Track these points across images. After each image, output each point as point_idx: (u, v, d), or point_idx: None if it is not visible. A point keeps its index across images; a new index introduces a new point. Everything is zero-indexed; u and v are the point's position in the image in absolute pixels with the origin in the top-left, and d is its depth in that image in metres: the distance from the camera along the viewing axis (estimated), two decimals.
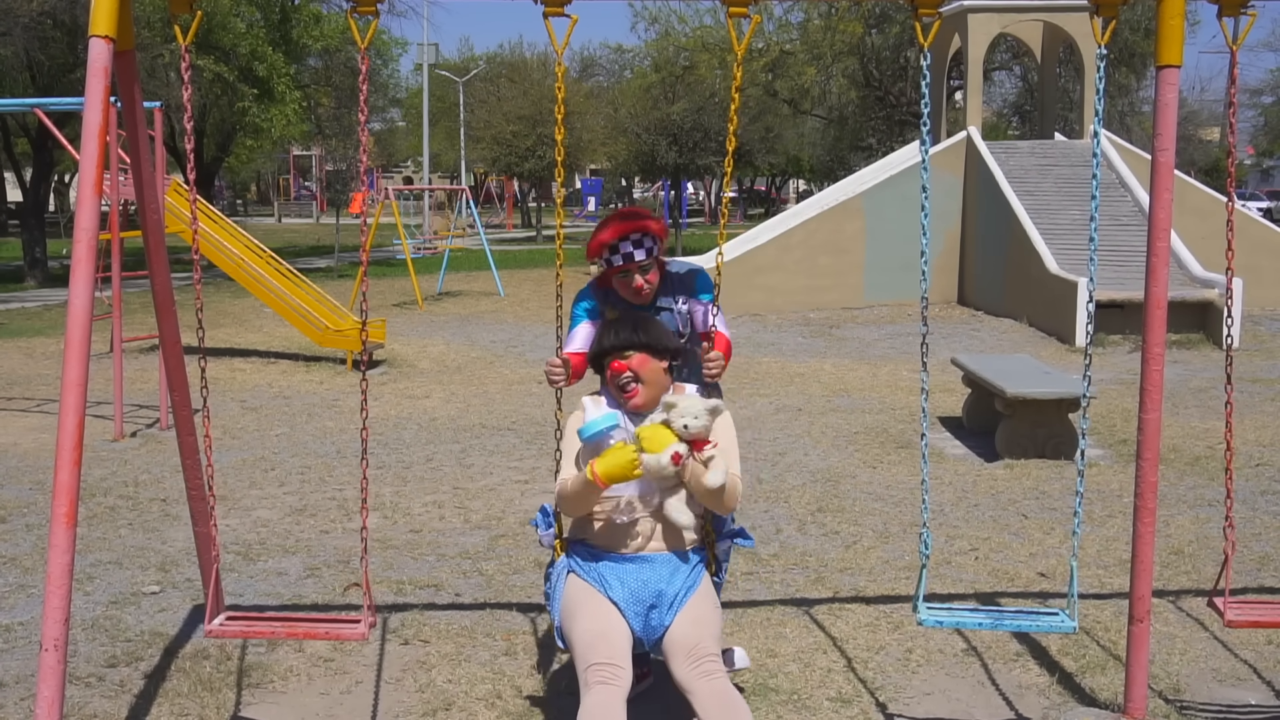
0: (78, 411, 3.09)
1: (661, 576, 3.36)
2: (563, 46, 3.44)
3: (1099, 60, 3.48)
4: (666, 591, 3.34)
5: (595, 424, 3.36)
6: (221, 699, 3.91)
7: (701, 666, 3.17)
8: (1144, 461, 3.59)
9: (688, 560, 3.44)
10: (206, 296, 17.13)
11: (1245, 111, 43.57)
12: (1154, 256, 3.51)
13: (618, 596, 3.33)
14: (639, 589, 3.33)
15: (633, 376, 3.47)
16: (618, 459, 3.27)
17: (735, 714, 3.09)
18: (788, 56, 27.41)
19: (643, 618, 3.32)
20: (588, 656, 3.19)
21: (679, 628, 3.28)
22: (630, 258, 3.73)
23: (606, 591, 3.34)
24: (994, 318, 15.17)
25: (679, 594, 3.34)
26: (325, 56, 26.95)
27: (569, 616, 3.36)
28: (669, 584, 3.35)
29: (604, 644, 3.21)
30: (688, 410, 3.40)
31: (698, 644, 3.22)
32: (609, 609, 3.32)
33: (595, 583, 3.38)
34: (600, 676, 3.14)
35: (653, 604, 3.32)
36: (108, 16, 3.24)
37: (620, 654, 3.20)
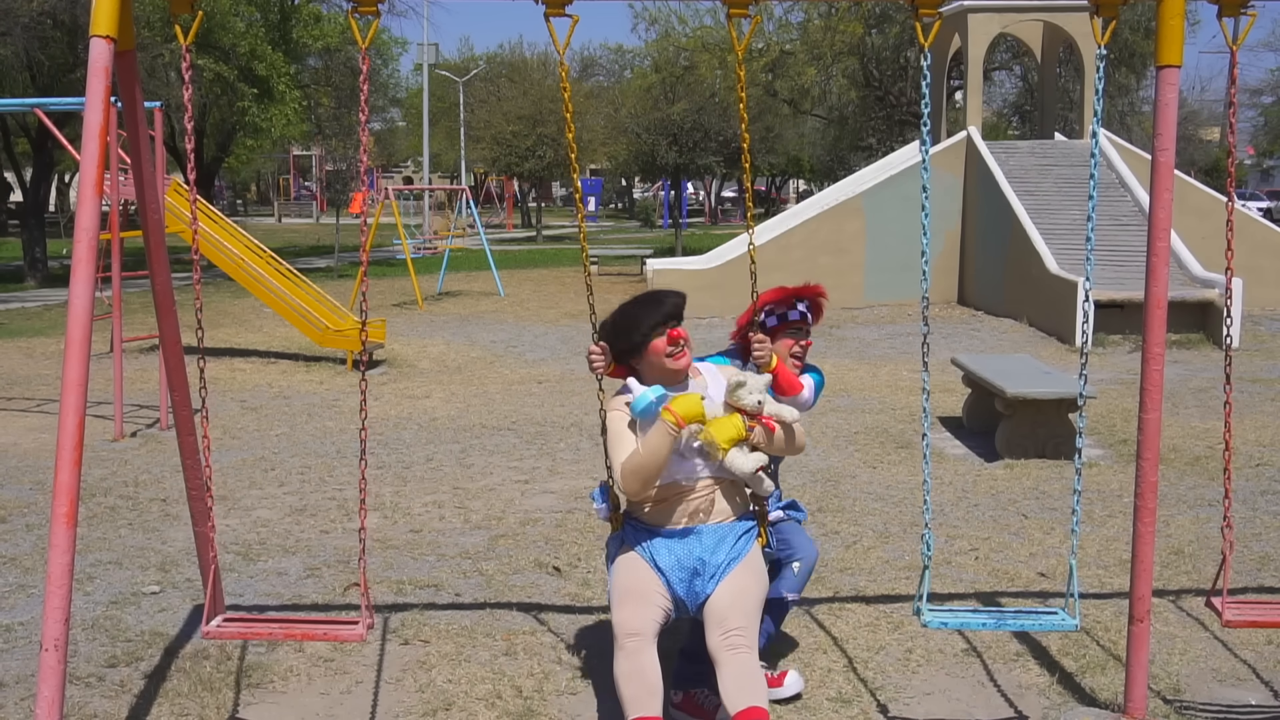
0: (78, 411, 3.09)
1: (707, 546, 3.52)
2: (564, 47, 3.44)
3: (1099, 60, 3.48)
4: (709, 560, 3.50)
5: (644, 397, 3.47)
6: (221, 699, 3.91)
7: (730, 638, 3.35)
8: (1144, 461, 3.60)
9: (734, 530, 3.58)
10: (206, 296, 17.13)
11: (1245, 111, 43.58)
12: (1154, 256, 3.51)
13: (664, 564, 3.51)
14: (684, 556, 3.51)
15: (685, 341, 3.63)
16: (689, 400, 3.47)
17: (752, 690, 3.26)
18: (788, 56, 27.41)
19: (686, 583, 3.49)
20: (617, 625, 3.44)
21: (718, 598, 3.45)
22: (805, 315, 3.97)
23: (654, 559, 3.53)
24: (994, 318, 15.17)
25: (723, 564, 3.50)
26: (325, 56, 26.95)
27: (614, 579, 3.59)
28: (713, 553, 3.51)
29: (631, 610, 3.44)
30: (755, 387, 3.58)
31: (730, 615, 3.40)
32: (649, 577, 3.51)
33: (643, 552, 3.57)
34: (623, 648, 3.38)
35: (696, 571, 3.49)
36: (108, 16, 3.24)
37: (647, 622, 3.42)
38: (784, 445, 3.66)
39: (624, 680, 3.33)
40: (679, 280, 15.99)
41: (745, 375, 3.61)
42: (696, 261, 17.40)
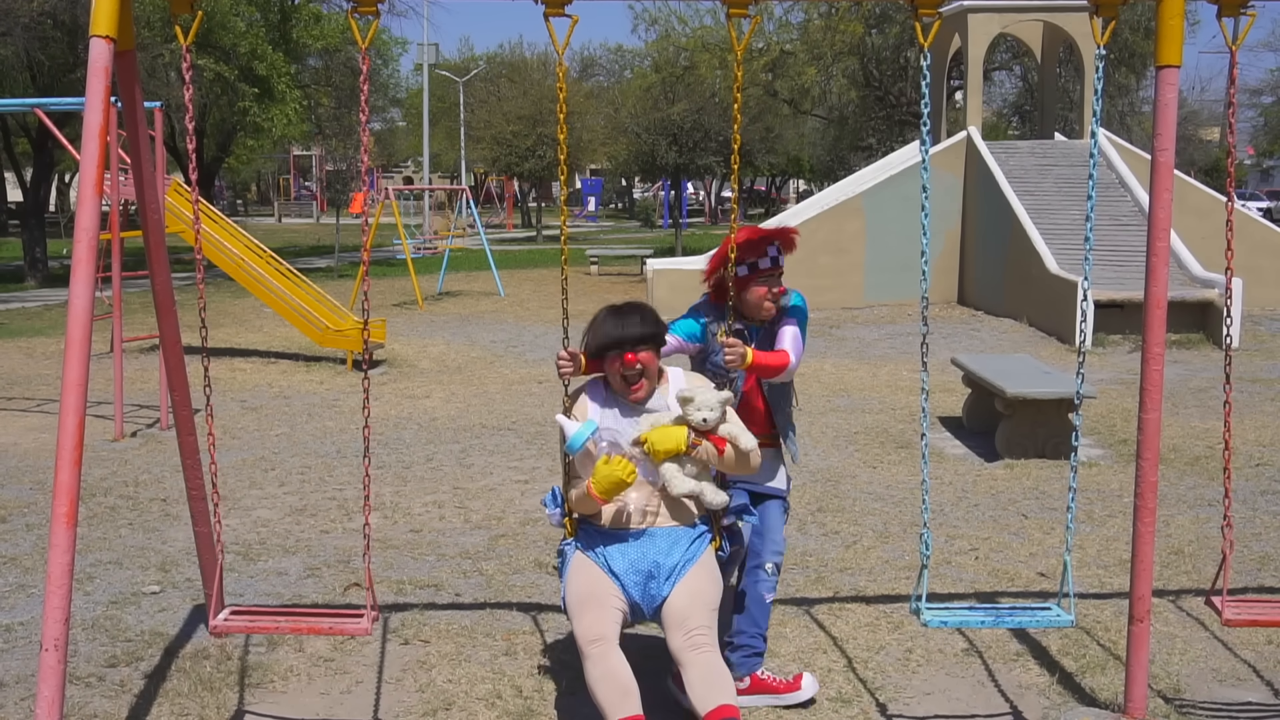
0: (78, 411, 3.09)
1: (661, 549, 3.52)
2: (563, 47, 3.44)
3: (1099, 60, 3.48)
4: (664, 563, 3.50)
5: (577, 437, 3.52)
6: (222, 699, 3.91)
7: (692, 639, 3.35)
8: (1144, 461, 3.60)
9: (689, 534, 3.59)
10: (207, 296, 17.12)
11: (1245, 111, 43.57)
12: (1154, 256, 3.51)
13: (618, 568, 3.51)
14: (638, 560, 3.51)
15: (641, 371, 3.59)
16: (610, 475, 3.45)
17: (719, 686, 3.26)
18: (788, 56, 27.41)
19: (641, 587, 3.49)
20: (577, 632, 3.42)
21: (675, 599, 3.45)
22: (776, 261, 3.84)
23: (608, 564, 3.53)
24: (994, 318, 15.17)
25: (677, 565, 3.50)
26: (325, 56, 26.95)
27: (569, 587, 3.57)
28: (667, 556, 3.51)
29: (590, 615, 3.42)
30: (704, 404, 3.51)
31: (690, 616, 3.39)
32: (604, 582, 3.50)
33: (597, 558, 3.57)
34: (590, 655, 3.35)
35: (650, 574, 3.49)
36: (108, 16, 3.24)
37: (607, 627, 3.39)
38: (734, 466, 3.61)
39: (597, 685, 3.30)
40: (679, 280, 15.99)
41: (697, 391, 3.54)
42: (696, 261, 17.39)
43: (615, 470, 3.45)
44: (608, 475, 3.45)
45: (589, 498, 3.51)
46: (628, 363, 3.56)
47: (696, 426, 3.51)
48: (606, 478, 3.45)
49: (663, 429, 3.52)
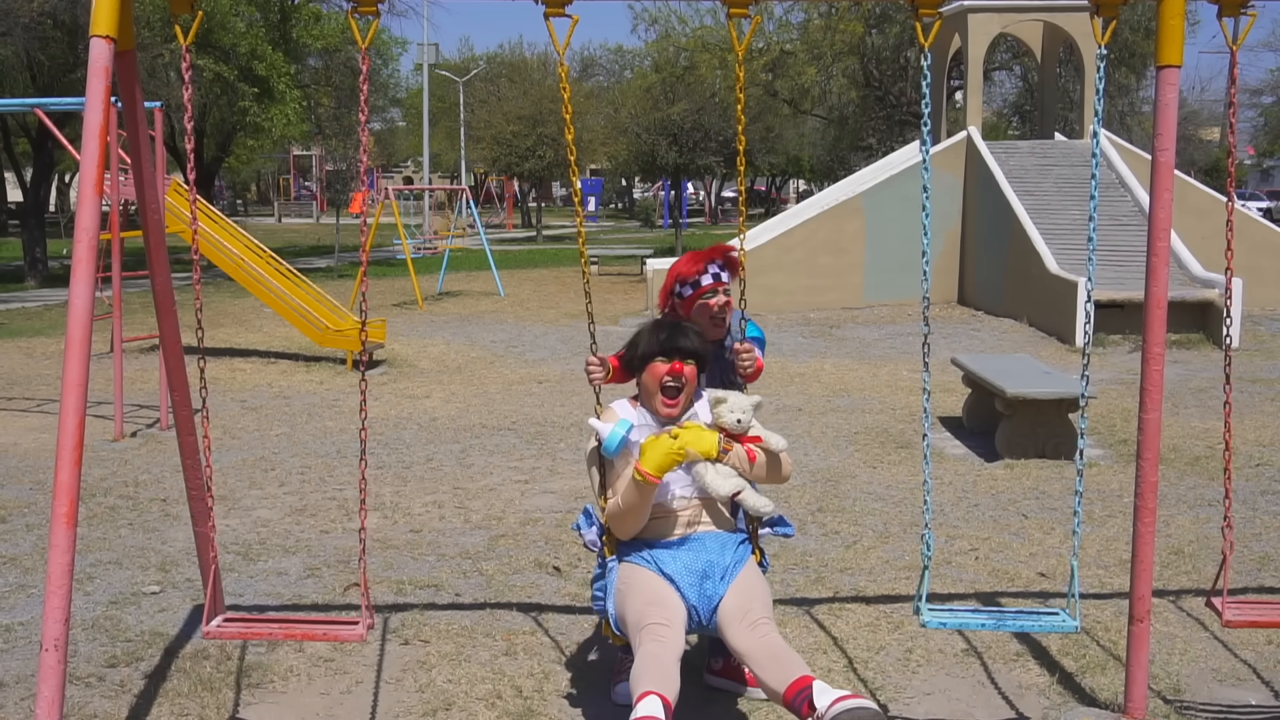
0: (78, 411, 3.09)
1: (712, 550, 3.48)
2: (564, 47, 3.44)
3: (1099, 60, 3.48)
4: (718, 562, 3.45)
5: (613, 435, 3.44)
6: (221, 699, 3.91)
7: (757, 629, 3.28)
8: (1144, 461, 3.59)
9: (734, 538, 3.58)
10: (206, 296, 17.13)
11: (1245, 111, 43.57)
12: (1154, 256, 3.51)
13: (671, 570, 3.43)
14: (691, 561, 3.44)
15: (682, 385, 3.55)
16: (659, 448, 3.36)
17: (790, 664, 3.18)
18: (788, 56, 27.41)
19: (697, 588, 3.41)
20: (641, 619, 3.28)
21: (731, 598, 3.38)
22: (717, 276, 3.84)
23: (660, 568, 3.45)
24: (994, 318, 15.17)
25: (730, 565, 3.46)
26: (325, 56, 26.95)
27: (623, 598, 3.43)
28: (720, 556, 3.47)
29: (656, 609, 3.30)
30: (737, 406, 3.51)
31: (749, 609, 3.33)
32: (662, 583, 3.41)
33: (647, 564, 3.48)
34: (651, 635, 3.21)
35: (705, 574, 3.42)
36: (108, 16, 3.24)
37: (674, 617, 3.29)
38: (764, 474, 3.58)
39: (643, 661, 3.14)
40: None
41: (728, 393, 3.56)
42: None
43: (665, 443, 3.35)
44: (657, 449, 3.35)
45: (640, 484, 3.36)
46: (674, 371, 3.52)
47: (729, 428, 3.50)
48: (656, 450, 3.34)
49: (695, 429, 3.47)
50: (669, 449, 3.35)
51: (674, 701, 3.04)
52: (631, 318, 16.22)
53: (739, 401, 3.52)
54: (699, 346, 3.59)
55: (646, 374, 3.57)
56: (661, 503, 3.53)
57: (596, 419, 3.58)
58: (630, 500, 3.43)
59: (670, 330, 3.58)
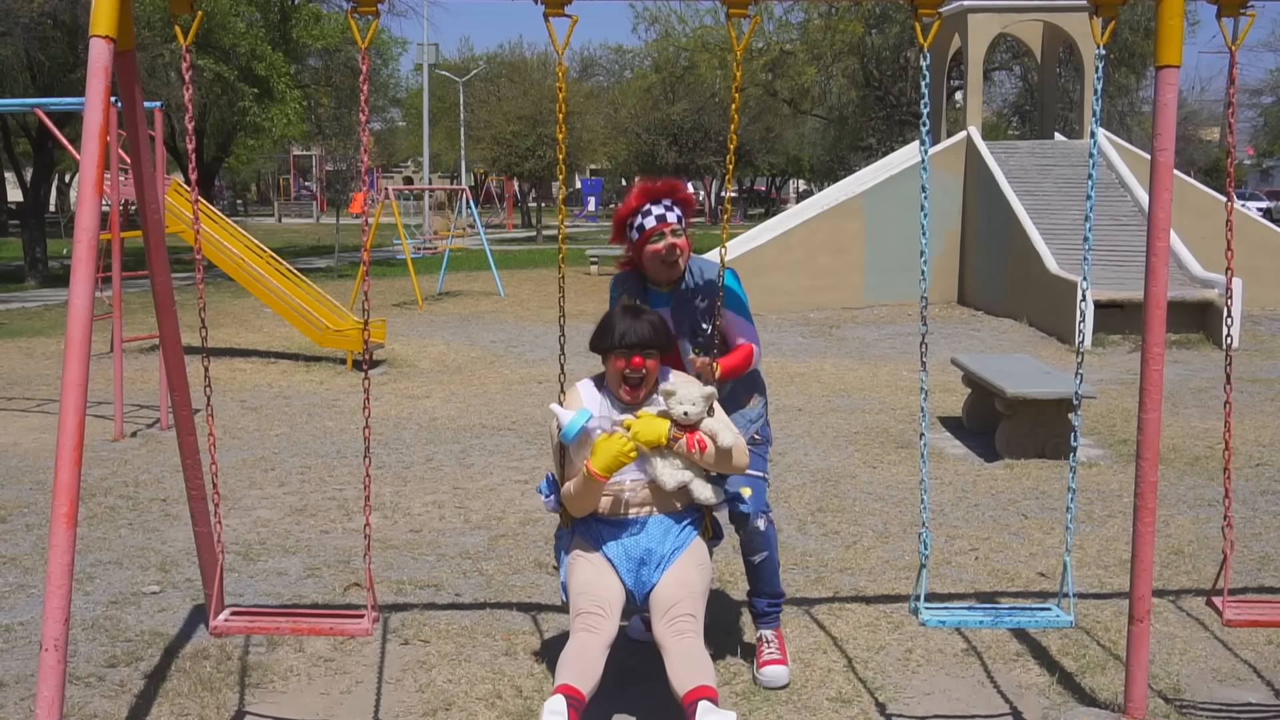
0: (78, 411, 3.09)
1: (653, 537, 3.66)
2: (563, 46, 3.44)
3: (1099, 60, 3.48)
4: (655, 550, 3.64)
5: (572, 424, 3.58)
6: (221, 699, 3.91)
7: (675, 625, 3.46)
8: (1144, 461, 3.60)
9: (679, 522, 3.72)
10: (207, 296, 17.12)
11: (1245, 111, 43.59)
12: (1154, 256, 3.51)
13: (612, 554, 3.65)
14: (631, 547, 3.65)
15: (644, 376, 3.68)
16: (609, 449, 3.55)
17: (700, 670, 3.35)
18: (788, 56, 27.42)
19: (634, 574, 3.64)
20: (577, 605, 3.54)
21: (663, 587, 3.59)
22: (663, 218, 3.80)
23: (603, 549, 3.67)
24: (994, 318, 15.17)
25: (668, 554, 3.65)
26: (325, 56, 26.96)
27: (569, 574, 3.70)
28: (659, 544, 3.65)
29: (590, 593, 3.55)
30: (686, 398, 3.59)
31: (676, 603, 3.51)
32: (602, 564, 3.65)
33: (593, 542, 3.71)
34: (584, 625, 3.46)
35: (642, 560, 3.63)
36: (108, 16, 3.24)
37: (606, 604, 3.52)
38: (715, 463, 3.67)
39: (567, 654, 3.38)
40: None
41: (680, 385, 3.61)
42: None
43: (615, 444, 3.53)
44: (607, 450, 3.53)
45: (588, 479, 3.56)
46: (634, 365, 3.65)
47: (678, 420, 3.59)
48: (606, 452, 3.53)
49: (646, 419, 3.62)
50: (619, 450, 3.53)
51: (589, 692, 3.30)
52: None
53: (689, 393, 3.58)
54: (658, 337, 3.66)
55: (610, 363, 3.70)
56: (613, 488, 3.69)
57: (559, 405, 3.72)
58: (580, 489, 3.63)
59: (631, 320, 3.65)
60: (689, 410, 3.59)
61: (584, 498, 3.66)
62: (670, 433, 3.59)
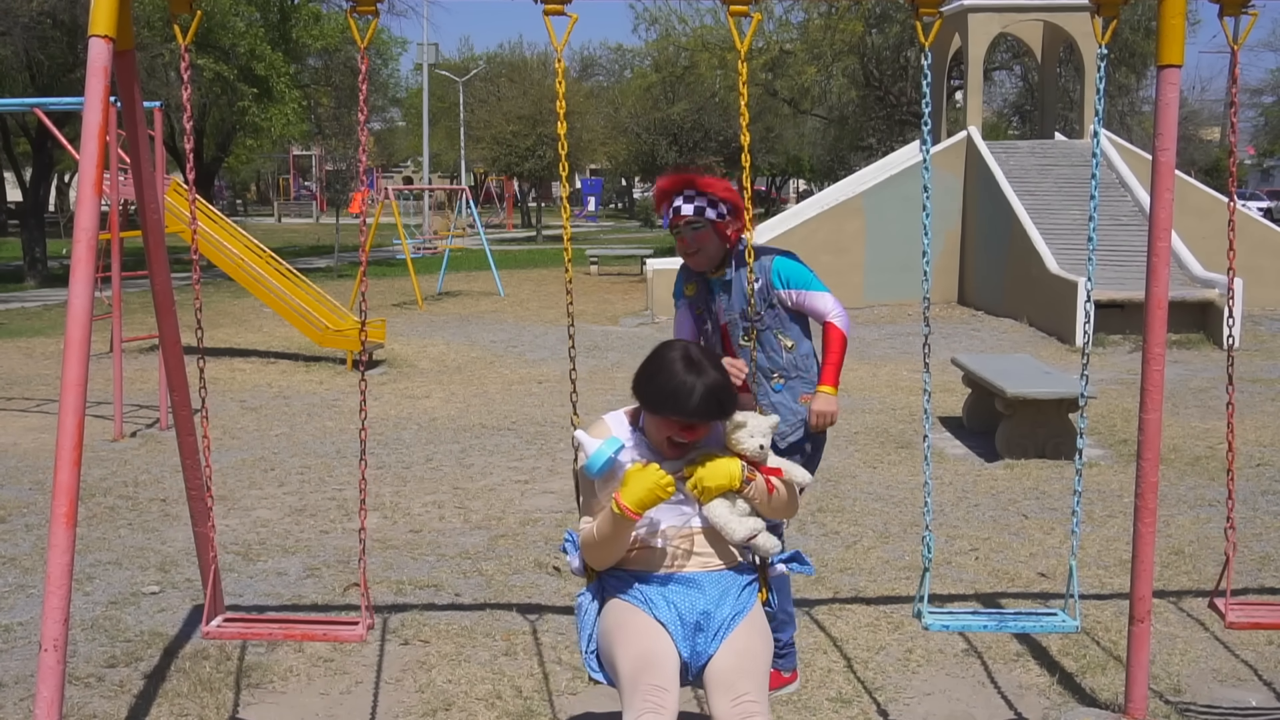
0: (78, 411, 3.08)
1: (710, 598, 2.98)
2: (562, 45, 3.44)
3: (1099, 60, 3.47)
4: (714, 614, 2.97)
5: (598, 455, 2.95)
6: (221, 699, 3.91)
7: (741, 706, 2.81)
8: (1144, 461, 3.59)
9: (737, 581, 3.05)
10: (206, 296, 17.12)
11: (1246, 111, 43.58)
12: (1154, 256, 3.51)
13: (664, 617, 2.94)
14: (685, 610, 2.95)
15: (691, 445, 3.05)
16: (644, 480, 2.87)
17: None
18: (788, 56, 27.40)
19: (690, 641, 2.94)
20: (635, 680, 2.83)
21: (723, 659, 2.91)
22: (678, 210, 3.76)
23: (652, 611, 2.96)
24: (994, 318, 15.17)
25: (727, 619, 2.97)
26: (325, 56, 26.95)
27: (611, 640, 2.96)
28: (718, 606, 2.98)
29: (652, 669, 2.84)
30: (758, 429, 3.03)
31: (738, 682, 2.85)
32: (656, 628, 2.93)
33: (640, 604, 2.98)
34: (650, 703, 2.76)
35: (699, 626, 2.95)
36: (107, 16, 3.24)
37: (669, 678, 2.84)
38: (781, 507, 3.12)
39: None
40: None
41: (748, 415, 3.04)
42: None
43: (651, 475, 2.87)
44: (642, 481, 2.86)
45: (617, 517, 2.88)
46: (686, 436, 3.00)
47: (751, 457, 3.00)
48: (641, 484, 2.86)
49: (713, 462, 2.96)
50: (655, 483, 2.86)
51: None
52: (631, 317, 16.22)
53: (759, 424, 3.02)
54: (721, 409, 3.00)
55: (657, 419, 3.02)
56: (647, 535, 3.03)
57: (583, 431, 3.10)
58: (605, 532, 2.95)
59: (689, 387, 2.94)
60: (763, 444, 3.00)
61: (610, 543, 2.96)
62: (744, 473, 2.97)
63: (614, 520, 2.90)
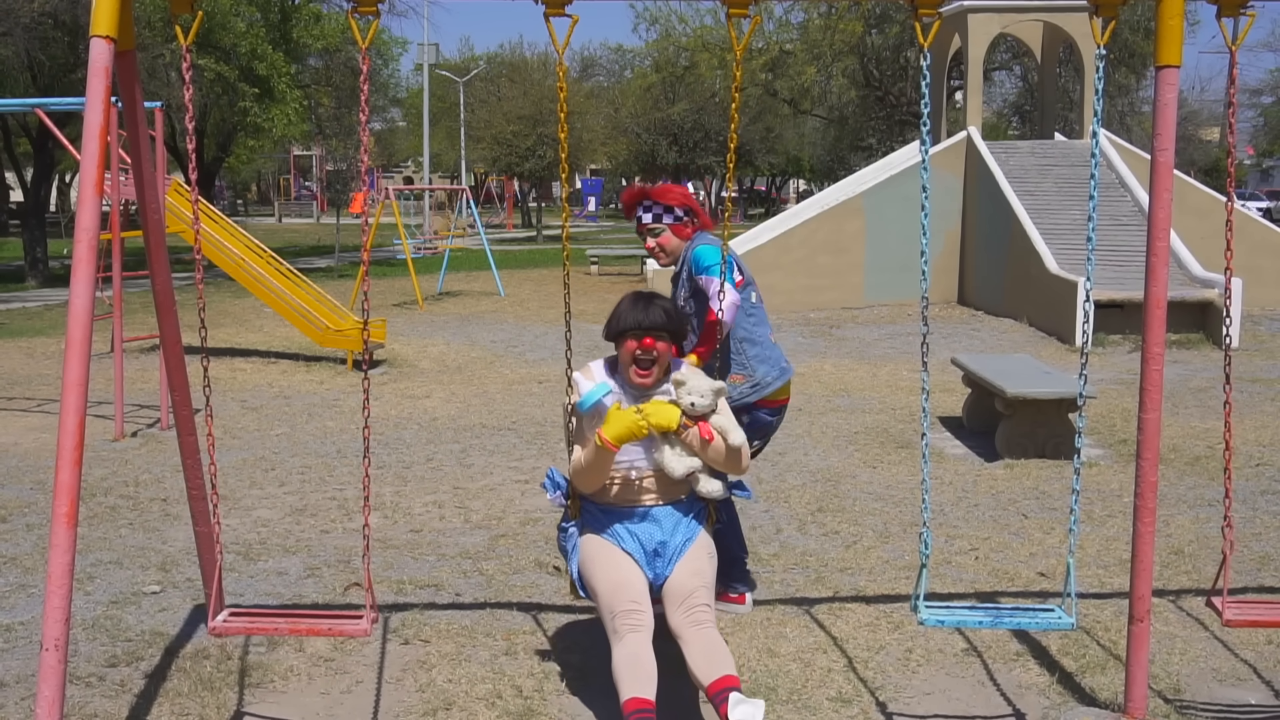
0: (78, 411, 3.09)
1: (665, 529, 3.74)
2: (563, 46, 3.44)
3: (1099, 60, 3.48)
4: (669, 542, 3.72)
5: (590, 395, 3.65)
6: (222, 699, 3.91)
7: (694, 615, 3.51)
8: (1144, 461, 3.60)
9: (686, 512, 3.81)
10: (207, 296, 17.11)
11: (1245, 111, 43.59)
12: (1154, 256, 3.51)
13: (629, 547, 3.71)
14: (645, 539, 3.72)
15: (654, 358, 3.73)
16: (622, 420, 3.60)
17: (722, 660, 3.39)
18: (788, 56, 27.41)
19: (649, 565, 3.70)
20: (612, 605, 3.54)
21: (677, 577, 3.64)
22: (639, 219, 4.40)
23: (620, 544, 3.72)
24: (994, 318, 15.17)
25: (680, 545, 3.73)
26: (325, 56, 26.95)
27: (589, 571, 3.71)
28: (671, 535, 3.73)
29: (625, 591, 3.55)
30: (695, 389, 3.68)
31: (692, 593, 3.57)
32: (624, 558, 3.69)
33: (609, 537, 3.76)
34: (629, 623, 3.46)
35: (657, 552, 3.71)
36: (108, 16, 3.24)
37: (641, 597, 3.56)
38: (721, 460, 3.76)
39: (621, 665, 3.39)
40: None
41: (690, 375, 3.73)
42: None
43: (629, 416, 3.60)
44: (620, 420, 3.59)
45: (599, 449, 3.59)
46: (645, 346, 3.70)
47: (685, 410, 3.68)
48: (620, 422, 3.58)
49: (658, 405, 3.68)
50: (631, 422, 3.59)
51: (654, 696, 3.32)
52: None
53: (698, 384, 3.68)
54: (670, 321, 3.75)
55: (622, 347, 3.76)
56: (621, 472, 3.76)
57: (580, 374, 3.84)
58: (589, 460, 3.67)
59: (643, 306, 3.75)
60: (696, 401, 3.66)
61: (593, 469, 3.68)
62: (681, 420, 3.67)
63: (596, 451, 3.62)
